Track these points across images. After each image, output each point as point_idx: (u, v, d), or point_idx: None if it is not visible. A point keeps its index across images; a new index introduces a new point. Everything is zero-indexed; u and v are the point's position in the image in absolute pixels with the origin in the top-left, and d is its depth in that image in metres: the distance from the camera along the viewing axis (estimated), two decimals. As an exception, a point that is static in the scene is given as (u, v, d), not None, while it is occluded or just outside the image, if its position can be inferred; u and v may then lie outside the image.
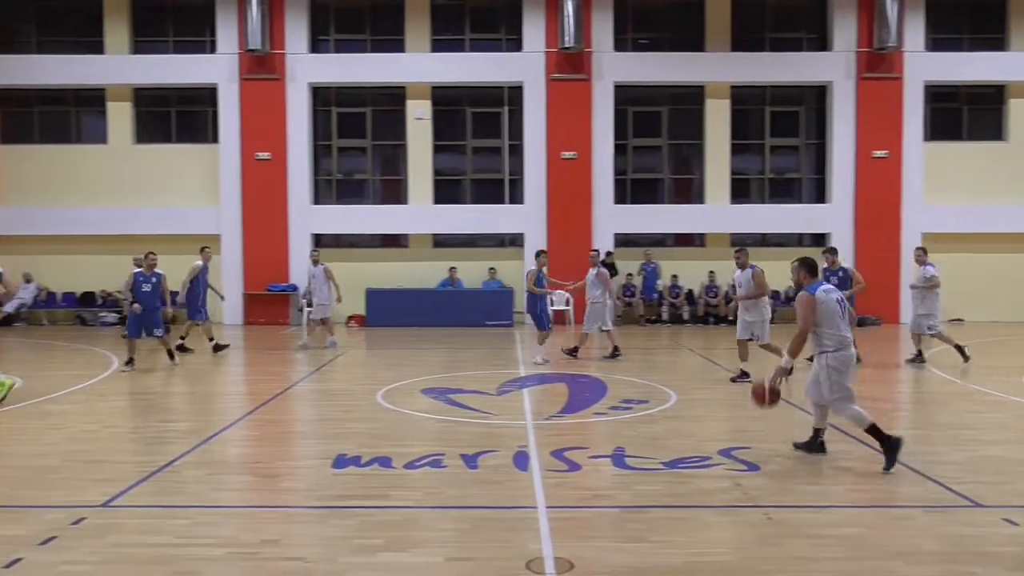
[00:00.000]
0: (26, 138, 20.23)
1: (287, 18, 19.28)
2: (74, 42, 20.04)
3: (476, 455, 6.98)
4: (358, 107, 20.26)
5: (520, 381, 11.06)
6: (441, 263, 19.82)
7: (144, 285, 12.18)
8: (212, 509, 5.70)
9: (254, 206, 19.43)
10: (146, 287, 12.19)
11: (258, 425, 8.59)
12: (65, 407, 9.47)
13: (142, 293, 12.14)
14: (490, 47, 19.99)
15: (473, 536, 5.12)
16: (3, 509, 5.68)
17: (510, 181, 20.29)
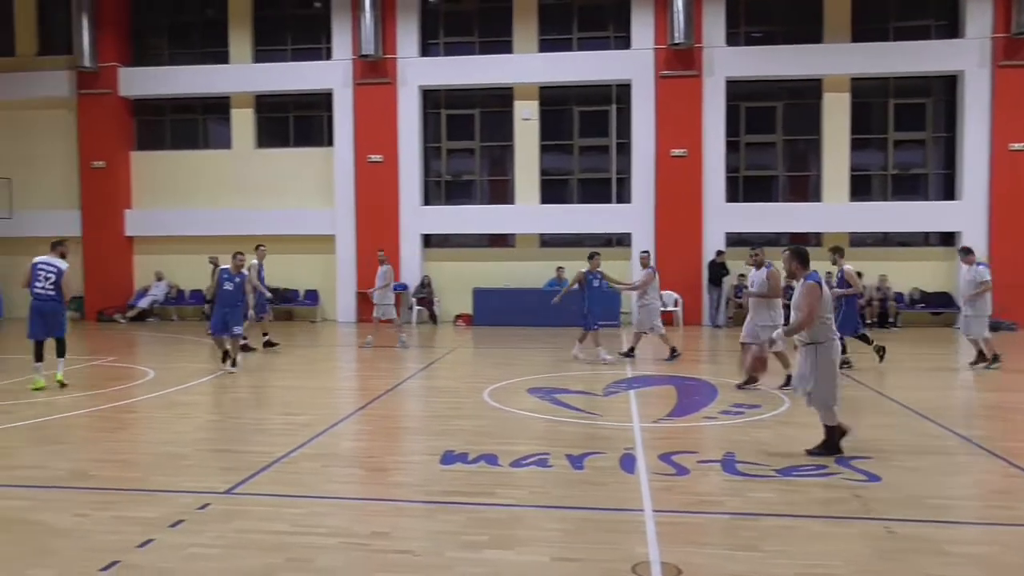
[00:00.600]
0: (158, 144, 21.54)
1: (398, 23, 19.75)
2: (202, 53, 21.18)
3: (582, 456, 6.94)
4: (466, 109, 20.54)
5: (627, 382, 10.93)
6: (548, 263, 19.84)
7: (227, 284, 12.16)
8: (326, 500, 5.90)
9: (367, 207, 20.00)
10: (228, 285, 12.16)
11: (369, 420, 8.84)
12: (193, 398, 10.02)
13: (224, 291, 12.15)
14: (598, 45, 19.84)
15: (578, 537, 5.10)
16: (138, 492, 6.06)
17: (617, 180, 20.11)
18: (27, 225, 20.93)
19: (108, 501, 5.84)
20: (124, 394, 10.18)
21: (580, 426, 8.24)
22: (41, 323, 10.55)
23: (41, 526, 5.31)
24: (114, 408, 9.37)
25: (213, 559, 4.73)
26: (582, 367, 12.50)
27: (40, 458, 7.08)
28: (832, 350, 6.83)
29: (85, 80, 20.69)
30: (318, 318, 20.54)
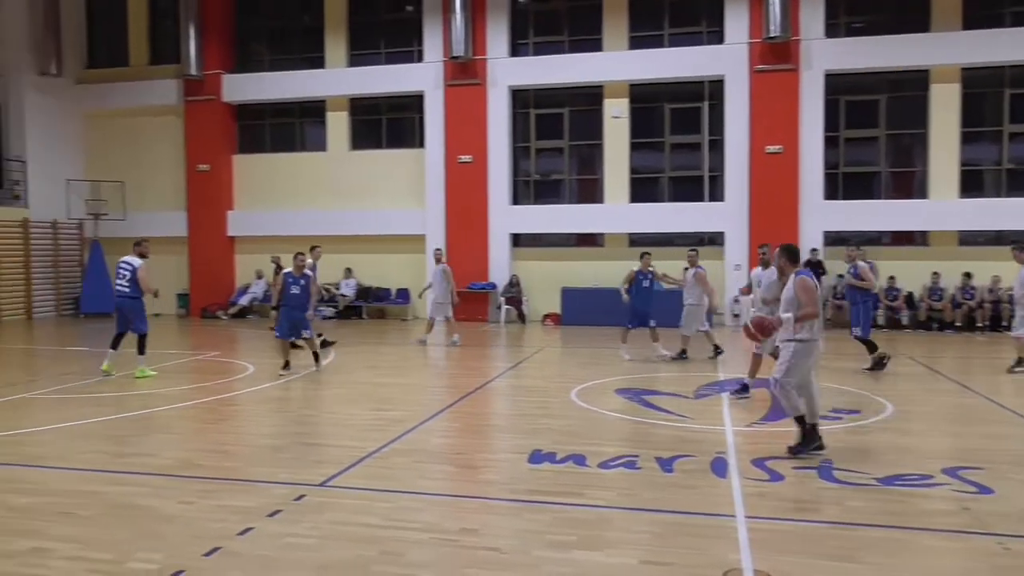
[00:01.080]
0: (258, 148, 22.37)
1: (488, 24, 19.91)
2: (299, 59, 21.89)
3: (671, 459, 6.83)
4: (556, 108, 20.52)
5: (719, 385, 10.70)
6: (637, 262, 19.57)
7: (293, 287, 11.82)
8: (416, 495, 5.99)
9: (456, 207, 20.24)
10: (295, 289, 11.81)
11: (458, 417, 8.93)
12: (289, 392, 10.36)
13: (291, 295, 11.78)
14: (690, 41, 19.46)
15: (668, 541, 5.02)
16: (238, 482, 6.30)
17: (710, 178, 19.71)
18: (139, 226, 22.03)
19: (211, 490, 6.09)
20: (225, 388, 10.61)
21: (670, 428, 8.11)
22: (120, 318, 11.45)
23: (150, 511, 5.58)
24: (217, 401, 9.78)
25: (309, 549, 4.87)
26: (671, 368, 12.32)
27: (150, 447, 7.46)
28: (810, 350, 6.86)
29: (192, 87, 21.69)
30: (409, 316, 20.91)
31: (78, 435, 8.06)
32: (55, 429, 8.30)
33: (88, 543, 4.98)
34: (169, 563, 4.64)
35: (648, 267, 13.29)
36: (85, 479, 6.41)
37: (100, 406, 9.48)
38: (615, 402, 9.51)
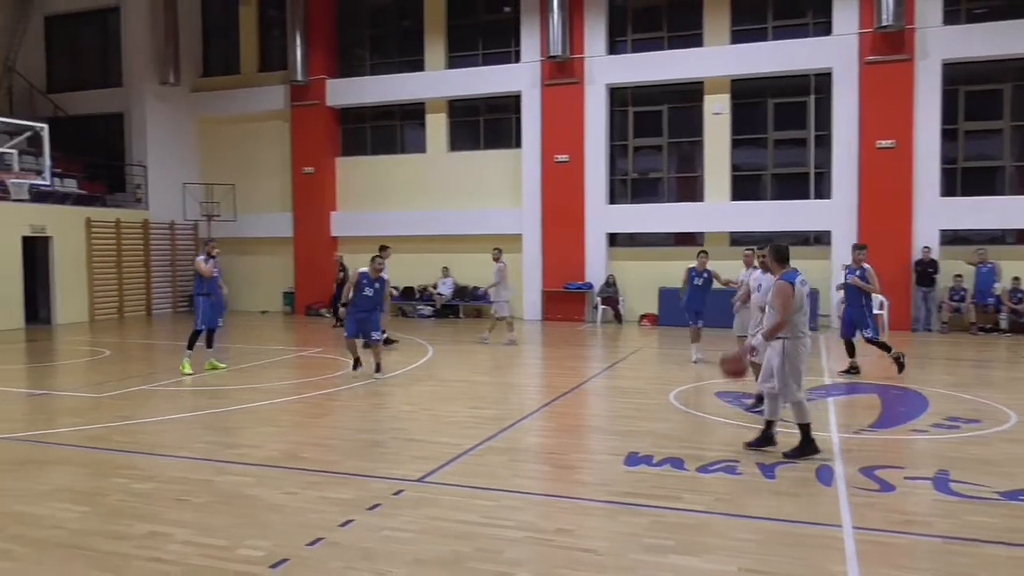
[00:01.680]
0: (360, 150, 22.96)
1: (586, 23, 19.80)
2: (399, 62, 22.34)
3: (774, 464, 6.62)
4: (654, 105, 20.21)
5: (825, 389, 10.31)
6: (738, 262, 19.07)
7: (367, 289, 11.33)
8: (512, 494, 6.01)
9: (553, 207, 20.22)
10: (368, 291, 11.32)
11: (554, 417, 8.92)
12: (389, 389, 10.59)
13: (363, 296, 11.32)
14: (795, 33, 18.78)
15: (769, 549, 4.85)
16: (340, 475, 6.48)
17: (816, 175, 18.99)
18: (248, 227, 23.10)
19: (314, 481, 6.28)
20: (328, 383, 10.94)
21: (772, 433, 7.85)
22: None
23: (257, 501, 5.81)
24: (320, 396, 10.09)
25: (407, 543, 4.95)
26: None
27: (257, 439, 7.76)
28: (799, 348, 6.86)
29: (297, 92, 22.46)
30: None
31: (192, 426, 8.47)
32: (171, 420, 8.75)
33: (200, 529, 5.22)
34: (275, 551, 4.81)
35: (704, 266, 13.09)
36: (198, 467, 6.72)
37: (212, 398, 9.94)
38: (715, 405, 9.29)
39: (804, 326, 6.92)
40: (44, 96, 23.57)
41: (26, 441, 7.72)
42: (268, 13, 23.58)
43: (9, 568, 4.61)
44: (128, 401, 9.77)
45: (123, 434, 8.00)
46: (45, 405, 9.81)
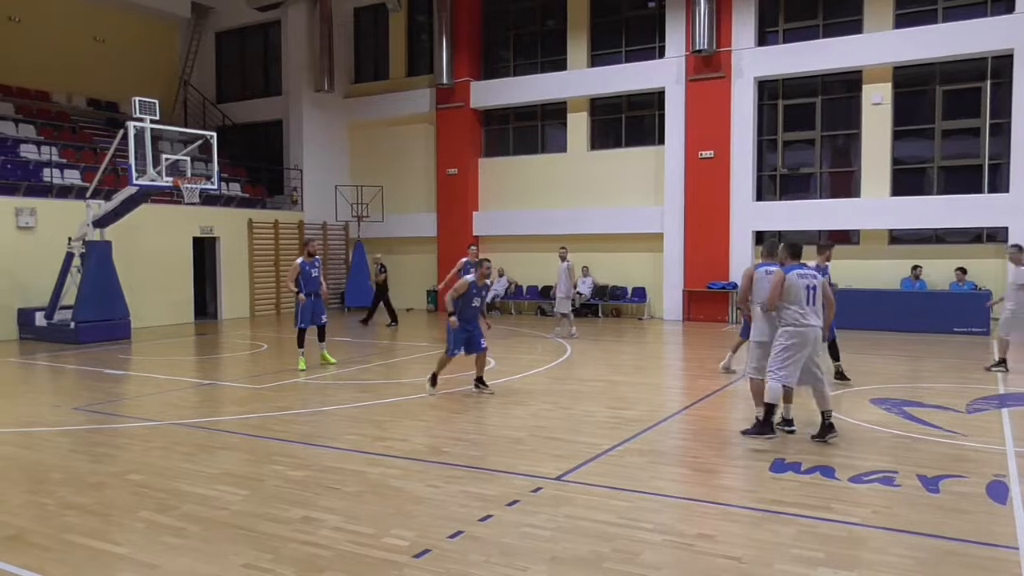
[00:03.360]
0: (502, 151, 23.31)
1: (734, 14, 19.18)
2: (542, 63, 22.50)
3: (937, 478, 6.17)
4: (807, 98, 19.30)
5: (998, 399, 9.50)
6: (898, 261, 17.97)
7: (476, 299, 9.98)
8: (651, 496, 5.90)
9: (696, 204, 19.74)
10: (476, 301, 10.00)
11: (696, 419, 8.70)
12: (528, 386, 10.67)
13: (472, 308, 9.98)
14: (969, 13, 17.29)
15: (933, 569, 4.51)
16: (480, 471, 6.59)
17: (990, 167, 17.50)
18: (395, 227, 23.99)
19: (456, 476, 6.42)
20: (469, 380, 11.14)
21: (935, 444, 7.32)
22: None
23: (403, 492, 6.00)
24: (462, 392, 10.31)
25: (545, 540, 4.97)
26: (940, 378, 11.12)
27: (402, 432, 8.03)
28: (792, 335, 7.23)
29: (443, 95, 23.08)
30: (645, 315, 20.75)
31: (342, 418, 8.87)
32: (323, 411, 9.21)
33: (350, 517, 5.45)
34: (418, 542, 4.95)
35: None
36: (348, 458, 7.03)
37: (360, 392, 10.38)
38: (870, 412, 8.77)
39: (803, 317, 7.26)
40: (214, 107, 25.43)
41: (198, 427, 8.35)
42: (416, 19, 24.38)
43: (181, 544, 5.00)
44: (283, 393, 10.37)
45: (280, 424, 8.50)
46: (212, 394, 10.57)
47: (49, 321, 16.23)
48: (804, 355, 7.31)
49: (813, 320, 7.32)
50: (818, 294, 7.38)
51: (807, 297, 7.31)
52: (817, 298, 7.38)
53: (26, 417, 8.98)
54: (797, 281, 7.30)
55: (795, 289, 7.28)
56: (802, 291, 7.29)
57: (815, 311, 7.35)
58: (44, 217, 16.94)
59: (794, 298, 7.28)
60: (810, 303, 7.32)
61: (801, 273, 7.39)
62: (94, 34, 23.17)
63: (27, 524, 5.37)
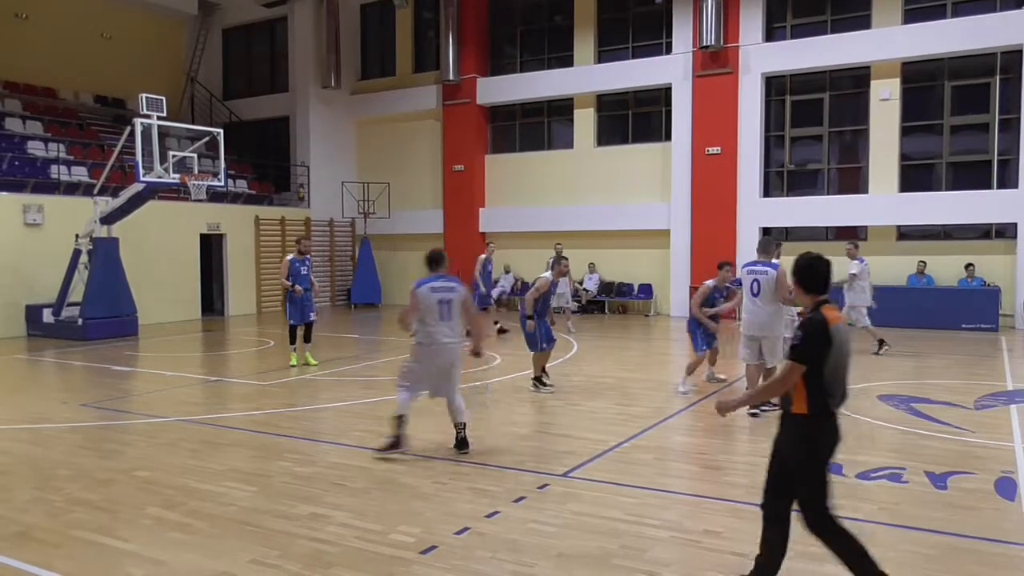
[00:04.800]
0: (509, 147, 23.28)
1: (742, 9, 19.08)
2: (549, 59, 22.46)
3: (945, 474, 6.14)
4: (814, 93, 19.21)
5: (1007, 396, 9.45)
6: (905, 257, 17.88)
7: (551, 296, 10.34)
8: (658, 492, 5.90)
9: (703, 201, 19.67)
10: (552, 299, 10.43)
11: (702, 416, 8.68)
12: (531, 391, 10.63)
13: (547, 305, 10.24)
14: (978, 8, 17.17)
15: (941, 565, 4.50)
16: (487, 467, 6.59)
17: (999, 162, 17.39)
18: (401, 224, 23.98)
19: (463, 472, 6.43)
20: (476, 377, 11.16)
21: (943, 440, 7.30)
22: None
23: (409, 488, 6.01)
24: (467, 388, 10.29)
25: (551, 536, 4.96)
26: (948, 375, 11.07)
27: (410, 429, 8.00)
28: (424, 352, 7.11)
29: (449, 92, 23.06)
30: (651, 312, 20.72)
31: (349, 414, 8.88)
32: (329, 408, 9.22)
33: (357, 513, 5.46)
34: (425, 538, 4.96)
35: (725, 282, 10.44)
36: (355, 454, 7.04)
37: (368, 388, 10.39)
38: (878, 409, 8.73)
39: (436, 333, 7.01)
40: (221, 103, 25.46)
41: (205, 424, 8.37)
42: (423, 15, 24.35)
43: (189, 540, 5.01)
44: (290, 389, 10.39)
45: (287, 420, 8.52)
46: (220, 391, 10.60)
47: (57, 318, 16.29)
48: (434, 369, 7.02)
49: (444, 338, 6.95)
50: (453, 309, 6.97)
51: (440, 313, 6.94)
52: (452, 314, 6.95)
53: (34, 413, 9.01)
54: (430, 296, 6.93)
55: (427, 305, 6.92)
56: (434, 307, 6.95)
57: (449, 327, 6.96)
58: (51, 214, 16.99)
59: (426, 314, 6.94)
60: (443, 319, 6.95)
61: (434, 287, 7.00)
62: (101, 31, 23.21)
63: (35, 520, 5.40)
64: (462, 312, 7.08)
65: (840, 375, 3.98)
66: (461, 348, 7.13)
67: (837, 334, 3.93)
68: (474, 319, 7.31)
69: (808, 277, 4.11)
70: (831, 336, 3.90)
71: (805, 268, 4.13)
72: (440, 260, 7.29)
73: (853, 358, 4.15)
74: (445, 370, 7.07)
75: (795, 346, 3.95)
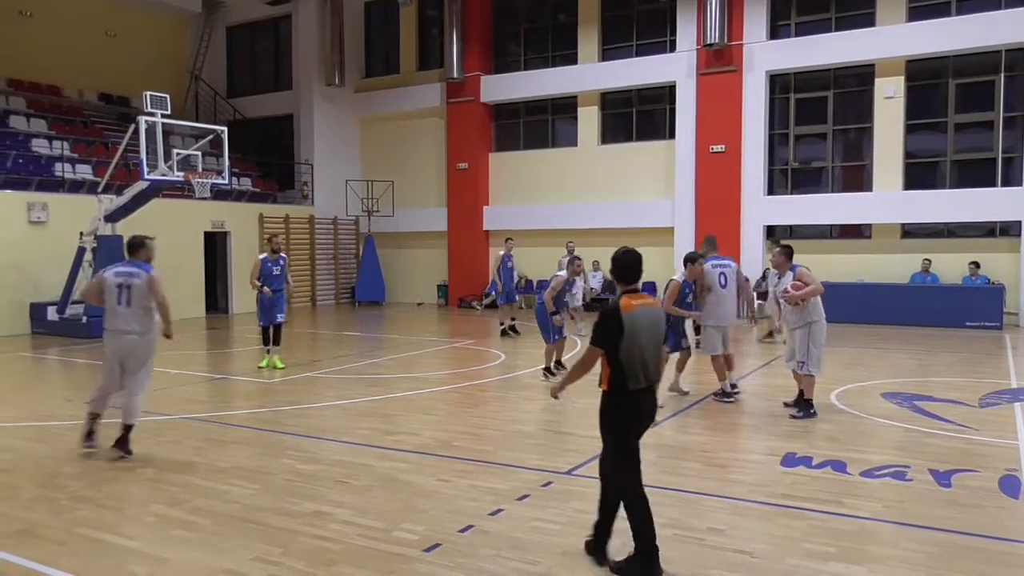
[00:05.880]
0: (513, 145, 23.27)
1: (746, 7, 19.04)
2: (553, 57, 22.44)
3: (949, 472, 6.13)
4: (819, 91, 19.17)
5: (1011, 393, 9.43)
6: (910, 255, 17.85)
7: (566, 293, 10.79)
8: (662, 490, 5.88)
9: (707, 199, 19.65)
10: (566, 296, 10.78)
11: (707, 415, 8.68)
12: (539, 381, 10.65)
13: (562, 300, 10.74)
14: (982, 6, 17.13)
15: (945, 563, 4.49)
16: (490, 465, 6.59)
17: (1004, 160, 17.34)
18: (405, 222, 23.98)
19: (466, 470, 6.43)
20: (479, 374, 11.17)
21: (947, 438, 7.28)
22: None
23: (412, 486, 6.01)
24: (471, 386, 10.33)
25: (555, 534, 4.96)
26: (952, 373, 11.05)
27: (413, 426, 8.03)
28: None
29: (453, 90, 23.04)
30: (657, 310, 20.66)
31: (353, 412, 8.89)
32: (333, 406, 9.23)
33: (360, 511, 5.46)
34: (428, 536, 4.96)
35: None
36: (358, 452, 7.04)
37: (372, 386, 10.40)
38: (882, 407, 8.72)
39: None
40: (225, 101, 25.48)
41: (209, 421, 8.38)
42: (427, 13, 24.34)
43: (192, 538, 5.02)
44: (294, 387, 10.40)
45: (290, 418, 8.52)
46: (223, 389, 10.62)
47: (61, 316, 16.33)
48: (115, 356, 6.90)
49: (121, 325, 6.83)
50: (133, 295, 6.79)
51: (118, 297, 6.81)
52: (132, 300, 6.79)
53: (39, 411, 9.04)
54: (111, 280, 6.82)
55: (108, 288, 6.83)
56: (113, 290, 6.81)
57: (128, 312, 6.82)
58: (56, 212, 17.02)
59: (108, 298, 6.82)
60: (120, 303, 6.81)
61: (118, 271, 6.89)
62: (105, 29, 23.24)
63: (39, 518, 5.41)
64: (149, 298, 6.85)
65: (636, 356, 4.32)
66: (145, 340, 6.94)
67: (630, 320, 4.30)
68: (163, 303, 6.95)
69: (617, 269, 4.54)
70: (622, 322, 4.28)
71: (615, 261, 4.56)
72: (135, 247, 7.07)
73: (658, 339, 4.47)
74: (124, 358, 6.90)
75: (592, 331, 4.40)
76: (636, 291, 4.49)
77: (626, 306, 4.34)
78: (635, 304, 4.38)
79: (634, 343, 4.30)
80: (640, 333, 4.31)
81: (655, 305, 4.56)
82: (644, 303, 4.43)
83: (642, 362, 4.33)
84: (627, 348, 4.29)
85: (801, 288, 8.05)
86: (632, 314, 4.32)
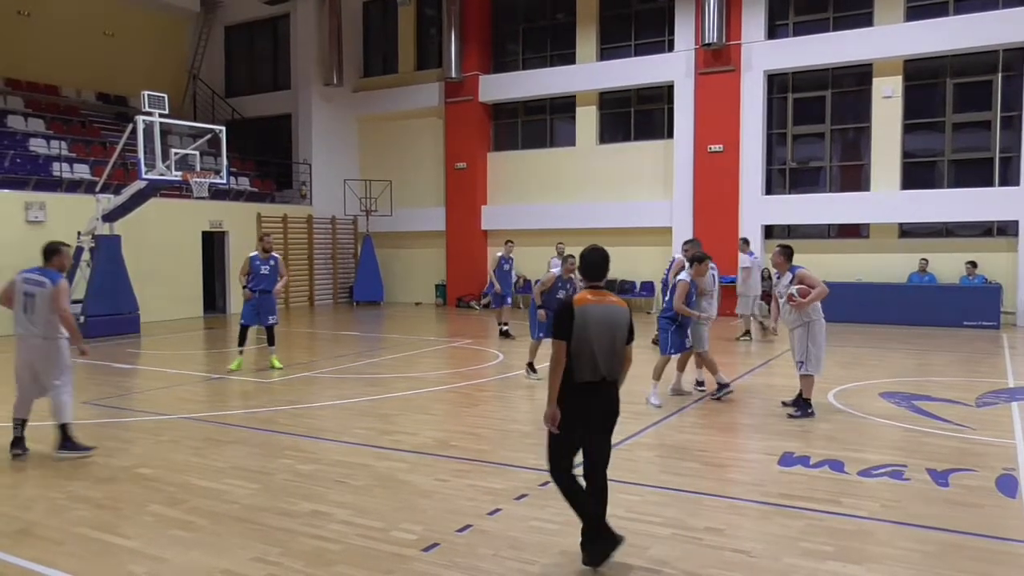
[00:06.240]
0: (511, 145, 23.27)
1: (744, 7, 19.05)
2: (551, 56, 22.44)
3: (947, 472, 6.15)
4: (817, 91, 19.18)
5: (1008, 393, 9.45)
6: (907, 255, 17.87)
7: (560, 291, 10.53)
8: (660, 490, 5.91)
9: (705, 198, 19.66)
10: (560, 294, 10.52)
11: (706, 414, 8.69)
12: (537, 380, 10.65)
13: (556, 299, 10.44)
14: (980, 6, 17.16)
15: (943, 562, 4.50)
16: (489, 464, 6.60)
17: (1001, 160, 17.37)
18: (403, 221, 23.97)
19: (464, 470, 6.43)
20: (477, 374, 11.17)
21: (945, 438, 7.29)
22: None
23: (411, 486, 6.01)
24: (469, 386, 10.33)
25: (553, 534, 4.97)
26: (950, 372, 11.07)
27: (411, 426, 8.04)
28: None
29: (451, 89, 23.04)
30: (653, 309, 20.69)
31: (351, 412, 8.89)
32: (332, 405, 9.23)
33: (358, 510, 5.46)
34: (426, 535, 4.96)
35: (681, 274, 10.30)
36: (356, 452, 7.05)
37: (370, 386, 10.40)
38: (880, 406, 8.74)
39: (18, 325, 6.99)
40: (223, 100, 25.46)
41: (207, 421, 8.38)
42: (425, 13, 24.33)
43: (190, 537, 5.02)
44: (293, 387, 10.40)
45: (289, 417, 8.52)
46: (221, 388, 10.61)
47: (60, 315, 16.29)
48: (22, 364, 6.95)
49: (20, 329, 6.90)
50: (36, 304, 6.81)
51: (23, 305, 6.85)
52: (35, 308, 6.82)
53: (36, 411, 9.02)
54: (19, 286, 6.89)
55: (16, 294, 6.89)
56: (21, 298, 6.85)
57: (29, 320, 6.87)
58: (53, 211, 16.99)
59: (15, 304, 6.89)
60: (25, 311, 6.85)
61: (27, 278, 6.93)
62: (103, 28, 23.21)
63: (37, 517, 5.41)
64: (52, 308, 6.83)
65: (584, 350, 4.44)
66: (51, 344, 6.96)
67: (581, 313, 4.45)
68: (64, 316, 6.89)
69: (584, 266, 4.82)
70: (573, 314, 4.44)
71: (582, 259, 4.85)
72: (50, 253, 7.12)
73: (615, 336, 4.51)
74: (33, 362, 6.92)
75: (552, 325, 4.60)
76: (599, 288, 4.66)
77: (580, 300, 4.52)
78: (591, 299, 4.54)
79: (583, 335, 4.43)
80: (590, 327, 4.43)
81: (619, 304, 4.63)
82: (603, 300, 4.57)
83: (590, 355, 4.43)
84: (576, 340, 4.44)
85: (807, 293, 8.10)
86: (584, 308, 4.47)
